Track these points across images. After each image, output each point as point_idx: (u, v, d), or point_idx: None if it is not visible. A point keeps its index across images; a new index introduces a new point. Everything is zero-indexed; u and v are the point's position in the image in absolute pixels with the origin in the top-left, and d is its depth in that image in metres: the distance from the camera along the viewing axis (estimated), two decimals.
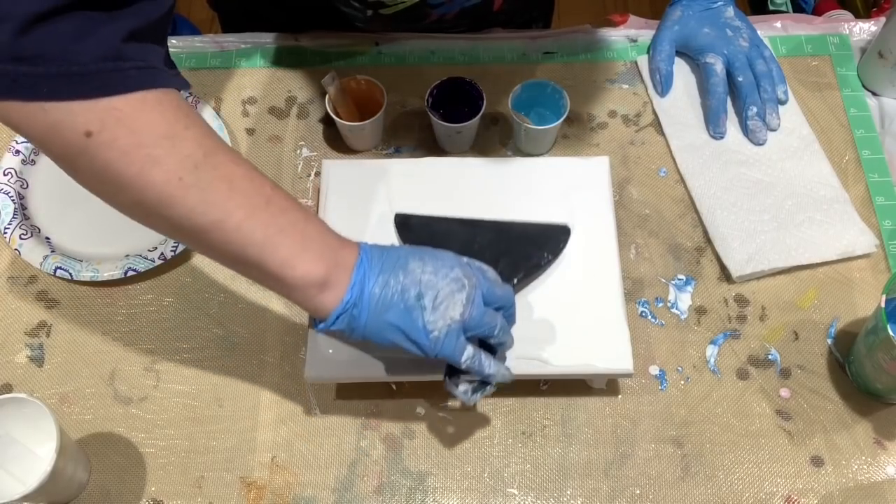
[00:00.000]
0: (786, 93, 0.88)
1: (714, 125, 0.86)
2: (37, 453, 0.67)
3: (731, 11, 0.89)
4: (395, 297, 0.57)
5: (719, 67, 0.86)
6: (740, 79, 0.86)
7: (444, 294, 0.57)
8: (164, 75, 0.51)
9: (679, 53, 0.91)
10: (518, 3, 0.98)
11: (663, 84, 0.90)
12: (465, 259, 0.61)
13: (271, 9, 0.95)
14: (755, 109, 0.86)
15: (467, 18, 0.92)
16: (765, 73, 0.86)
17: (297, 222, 0.55)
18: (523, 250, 0.71)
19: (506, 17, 0.97)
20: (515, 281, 0.69)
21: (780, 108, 0.88)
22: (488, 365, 0.60)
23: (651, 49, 0.91)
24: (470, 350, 0.59)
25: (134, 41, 0.48)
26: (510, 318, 0.63)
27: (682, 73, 0.91)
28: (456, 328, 0.58)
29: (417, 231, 0.73)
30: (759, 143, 0.86)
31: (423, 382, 0.74)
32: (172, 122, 0.49)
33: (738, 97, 0.87)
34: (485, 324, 0.59)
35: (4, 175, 0.84)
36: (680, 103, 0.89)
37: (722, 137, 0.87)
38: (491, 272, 0.62)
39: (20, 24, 0.44)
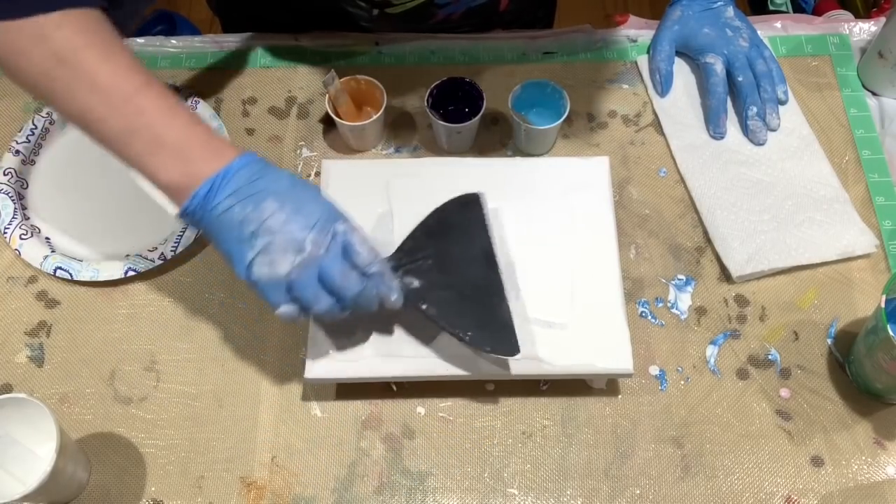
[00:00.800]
0: (786, 93, 0.88)
1: (714, 125, 0.86)
2: (37, 453, 0.67)
3: (731, 11, 0.89)
4: (233, 224, 0.58)
5: (719, 67, 0.86)
6: (740, 79, 0.86)
7: (277, 247, 0.58)
8: None
9: (679, 53, 0.91)
10: (524, 3, 0.98)
11: (663, 84, 0.90)
12: (340, 227, 0.60)
13: (277, 12, 0.95)
14: (755, 109, 0.86)
15: (473, 18, 0.91)
16: (765, 72, 0.86)
17: (153, 125, 0.58)
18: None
19: (511, 17, 0.97)
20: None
21: (781, 108, 0.88)
22: (300, 319, 0.61)
23: (651, 49, 0.91)
24: (286, 308, 0.59)
25: None
26: (346, 305, 0.61)
27: (682, 73, 0.91)
28: (277, 282, 0.58)
29: None
30: (759, 144, 0.86)
31: (423, 382, 0.74)
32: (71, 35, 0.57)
33: (738, 97, 0.87)
34: (305, 296, 0.59)
35: (4, 175, 0.84)
36: (680, 103, 0.89)
37: (722, 137, 0.87)
38: (363, 257, 0.60)
39: None
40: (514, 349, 0.65)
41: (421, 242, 0.68)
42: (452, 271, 0.67)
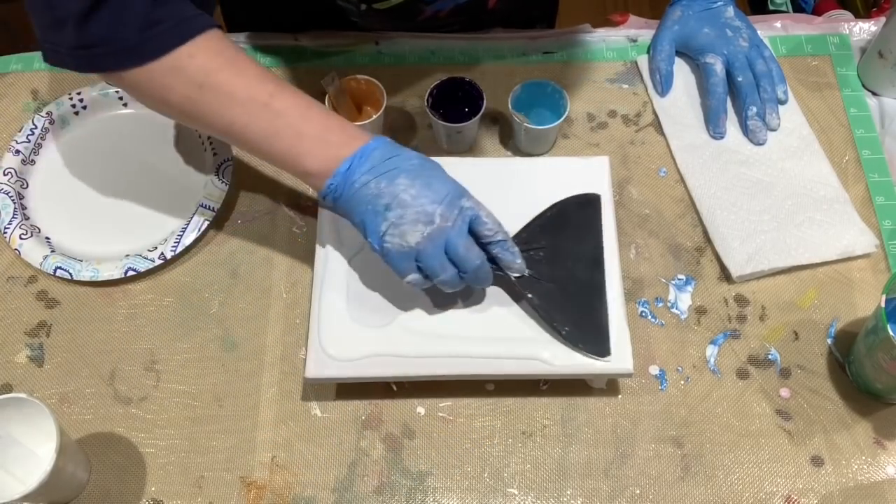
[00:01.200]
0: (785, 93, 0.88)
1: (714, 125, 0.86)
2: (37, 453, 0.67)
3: (731, 11, 0.89)
4: (368, 198, 0.64)
5: (719, 67, 0.86)
6: (740, 79, 0.86)
7: (409, 219, 0.63)
8: (193, 24, 0.63)
9: (679, 53, 0.91)
10: (515, 3, 0.98)
11: (663, 84, 0.90)
12: (466, 203, 0.65)
13: (274, 8, 0.95)
14: (755, 109, 0.86)
15: (462, 16, 0.92)
16: (765, 72, 0.86)
17: (292, 124, 0.65)
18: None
19: (502, 16, 0.97)
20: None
21: (781, 107, 0.88)
22: (425, 285, 0.66)
23: (651, 49, 0.91)
24: (414, 276, 0.65)
25: (160, 4, 0.62)
26: (467, 277, 0.66)
27: (682, 73, 0.91)
28: (408, 251, 0.64)
29: None
30: (759, 143, 0.86)
31: (423, 382, 0.74)
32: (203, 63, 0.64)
33: (737, 97, 0.87)
34: (432, 265, 0.64)
35: (4, 175, 0.84)
36: (680, 103, 0.89)
37: (722, 137, 0.87)
38: (489, 226, 0.65)
39: (77, 20, 0.60)
40: (605, 351, 0.68)
41: (535, 235, 0.72)
42: (561, 266, 0.71)
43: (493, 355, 0.69)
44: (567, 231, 0.73)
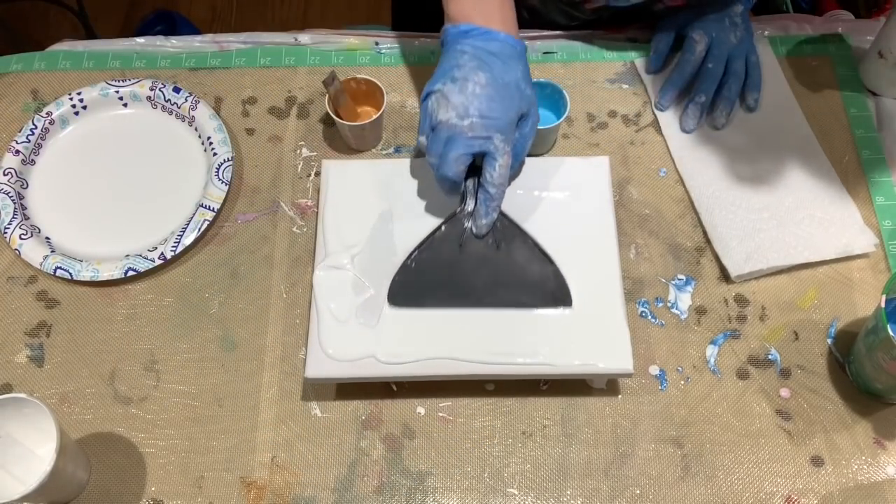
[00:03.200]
0: (756, 101, 0.88)
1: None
2: (37, 453, 0.67)
3: (739, 9, 0.88)
4: (454, 61, 0.69)
5: (699, 48, 0.86)
6: (710, 65, 0.86)
7: (454, 101, 0.68)
8: None
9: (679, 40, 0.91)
10: None
11: (654, 60, 0.90)
12: (498, 140, 0.68)
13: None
14: (703, 98, 0.86)
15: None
16: (737, 73, 0.86)
17: None
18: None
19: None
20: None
21: (780, 107, 0.88)
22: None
23: (657, 29, 0.91)
24: (422, 140, 0.71)
25: None
26: (436, 175, 0.70)
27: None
28: (432, 117, 0.69)
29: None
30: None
31: (423, 382, 0.74)
32: None
33: (697, 80, 0.87)
34: (431, 143, 0.69)
35: (4, 175, 0.84)
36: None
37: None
38: (490, 173, 0.69)
39: None
40: (567, 299, 0.71)
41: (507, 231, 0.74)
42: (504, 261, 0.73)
43: (492, 354, 0.69)
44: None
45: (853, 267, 0.80)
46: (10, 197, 0.83)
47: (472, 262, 0.72)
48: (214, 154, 0.84)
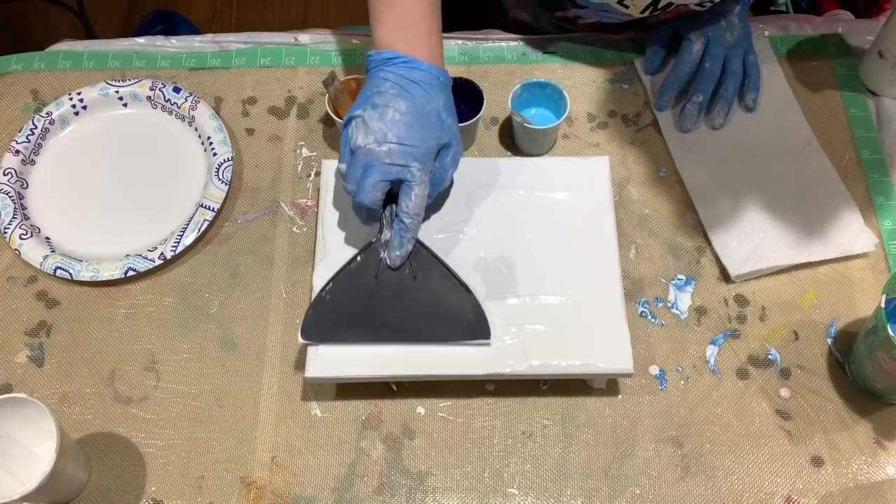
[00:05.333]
0: (755, 101, 0.88)
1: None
2: (37, 453, 0.67)
3: (736, 10, 0.88)
4: (376, 87, 0.69)
5: (696, 48, 0.86)
6: (707, 65, 0.86)
7: (373, 127, 0.67)
8: None
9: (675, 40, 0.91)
10: None
11: (650, 61, 0.90)
12: (416, 169, 0.67)
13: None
14: (701, 98, 0.86)
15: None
16: (735, 72, 0.86)
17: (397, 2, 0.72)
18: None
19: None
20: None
21: (780, 107, 0.88)
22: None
23: (652, 31, 0.91)
24: (342, 167, 0.69)
25: None
26: (353, 201, 0.69)
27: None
28: (351, 143, 0.68)
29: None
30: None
31: (423, 382, 0.74)
32: None
33: (694, 80, 0.87)
34: (350, 168, 0.68)
35: (4, 175, 0.84)
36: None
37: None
38: (406, 203, 0.67)
39: None
40: (486, 333, 0.69)
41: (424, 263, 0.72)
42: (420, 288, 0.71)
43: (491, 354, 0.69)
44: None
45: (853, 267, 0.80)
46: (10, 197, 0.83)
47: (388, 293, 0.70)
48: (214, 154, 0.84)
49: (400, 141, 0.67)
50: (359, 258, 0.71)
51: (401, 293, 0.70)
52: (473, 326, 0.69)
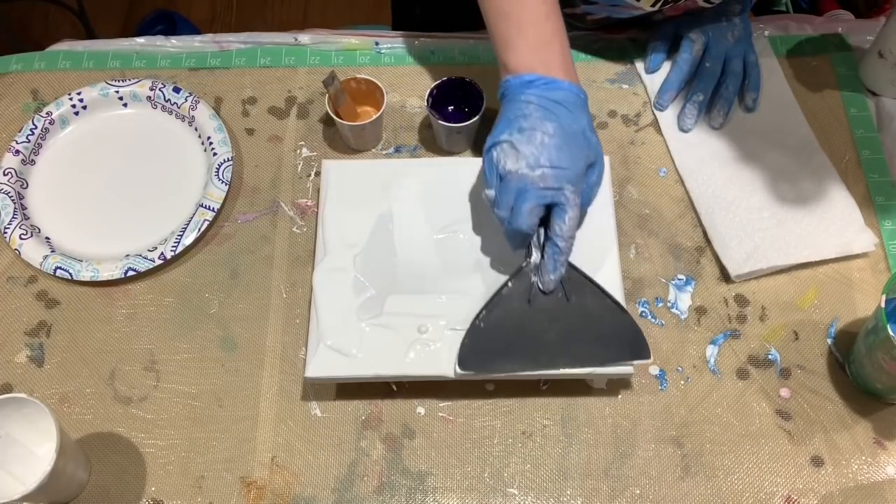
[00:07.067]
0: (755, 101, 0.88)
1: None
2: (37, 453, 0.67)
3: (736, 10, 0.88)
4: (518, 111, 0.67)
5: (696, 47, 0.86)
6: (707, 65, 0.86)
7: (522, 151, 0.65)
8: None
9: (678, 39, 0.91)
10: None
11: (651, 60, 0.90)
12: (569, 191, 0.65)
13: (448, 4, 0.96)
14: (701, 97, 0.86)
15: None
16: (735, 72, 0.86)
17: (524, 21, 0.70)
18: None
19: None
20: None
21: (780, 107, 0.88)
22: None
23: (654, 30, 0.91)
24: (489, 193, 0.68)
25: None
26: (507, 229, 0.68)
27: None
28: (499, 169, 0.67)
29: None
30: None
31: (423, 382, 0.74)
32: None
33: (695, 79, 0.87)
34: (501, 196, 0.67)
35: (4, 175, 0.84)
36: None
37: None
38: (560, 226, 0.66)
39: None
40: (645, 352, 0.69)
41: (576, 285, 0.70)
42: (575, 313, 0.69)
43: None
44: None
45: (853, 267, 0.80)
46: (10, 197, 0.83)
47: (543, 318, 0.68)
48: (214, 154, 0.84)
49: (552, 164, 0.65)
50: (509, 284, 0.68)
51: (556, 316, 0.68)
52: (632, 346, 0.68)
